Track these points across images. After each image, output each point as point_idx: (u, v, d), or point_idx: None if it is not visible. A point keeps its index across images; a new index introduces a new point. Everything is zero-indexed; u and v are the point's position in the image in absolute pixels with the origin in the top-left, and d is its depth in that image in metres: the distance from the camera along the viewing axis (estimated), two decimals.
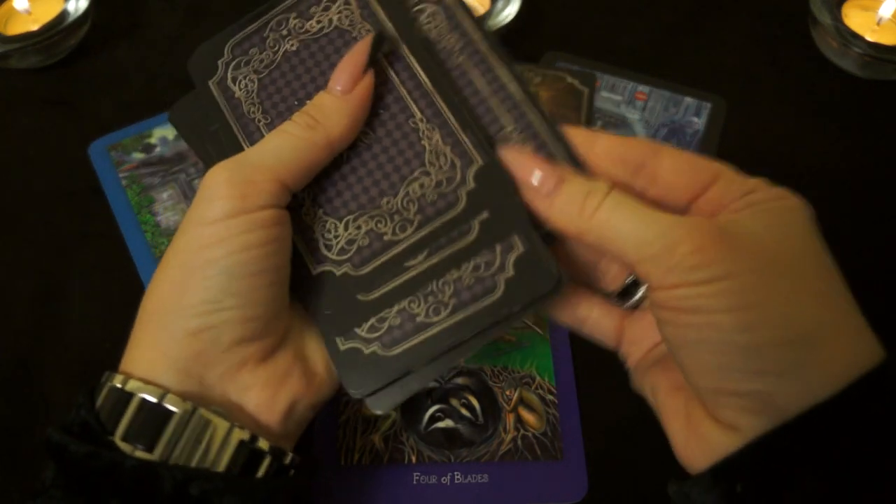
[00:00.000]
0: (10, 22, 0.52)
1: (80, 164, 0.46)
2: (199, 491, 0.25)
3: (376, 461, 0.35)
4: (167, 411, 0.26)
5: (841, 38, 0.48)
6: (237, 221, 0.26)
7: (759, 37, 0.53)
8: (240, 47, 0.31)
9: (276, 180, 0.27)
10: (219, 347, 0.27)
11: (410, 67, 0.29)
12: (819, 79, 0.50)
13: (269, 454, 0.27)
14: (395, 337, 0.27)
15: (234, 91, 0.31)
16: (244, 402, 0.28)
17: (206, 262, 0.26)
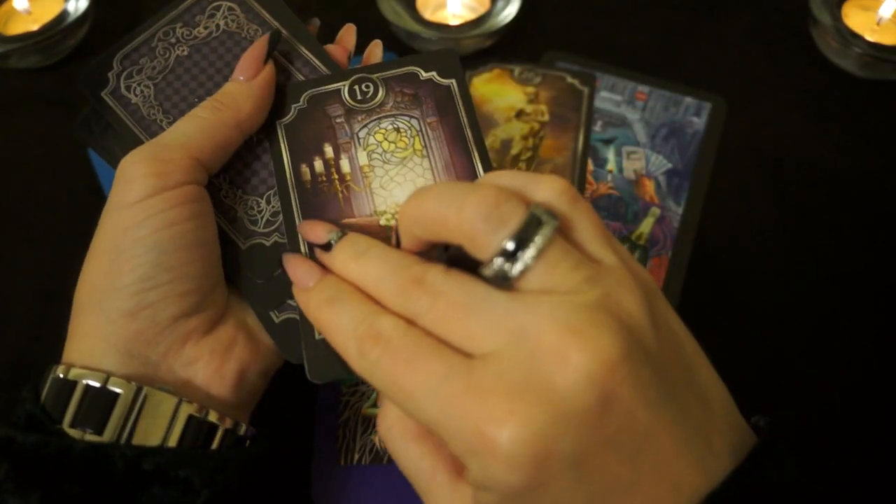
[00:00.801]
0: (10, 22, 0.52)
1: (80, 164, 0.46)
2: (152, 466, 0.25)
3: (376, 461, 0.35)
4: (112, 393, 0.26)
5: (841, 38, 0.48)
6: (158, 199, 0.27)
7: (759, 37, 0.53)
8: (129, 59, 0.33)
9: (190, 157, 0.28)
10: (159, 324, 0.27)
11: (303, 57, 0.33)
12: (819, 79, 0.50)
13: (221, 426, 0.27)
14: None
15: (130, 98, 0.32)
16: (193, 376, 0.28)
17: (134, 241, 0.27)
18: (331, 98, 0.31)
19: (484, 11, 0.51)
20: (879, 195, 0.45)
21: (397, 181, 0.30)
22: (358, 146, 0.30)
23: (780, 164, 0.46)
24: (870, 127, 0.48)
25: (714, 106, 0.48)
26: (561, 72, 0.50)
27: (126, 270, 0.27)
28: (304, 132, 0.31)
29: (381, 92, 0.31)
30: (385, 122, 0.31)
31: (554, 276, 0.21)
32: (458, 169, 0.30)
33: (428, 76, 0.32)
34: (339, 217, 0.29)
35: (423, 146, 0.30)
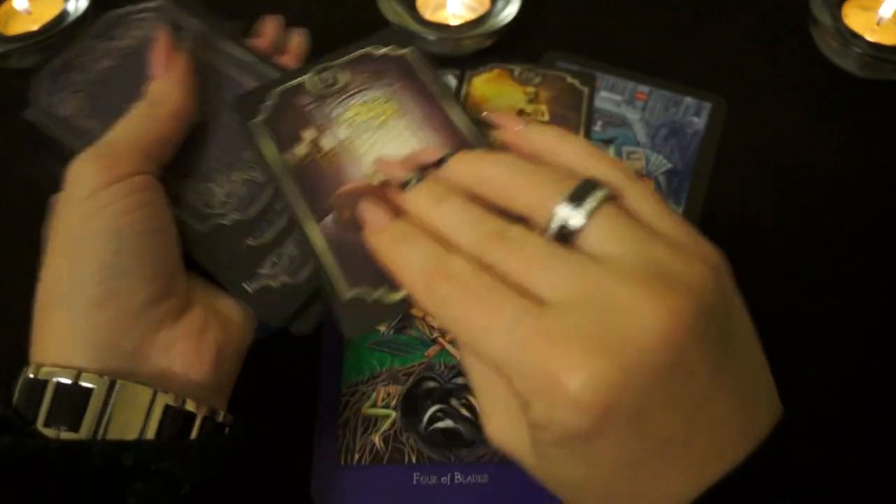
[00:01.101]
0: (10, 22, 0.52)
1: None
2: (131, 460, 0.25)
3: (376, 461, 0.35)
4: (85, 389, 0.26)
5: (841, 38, 0.48)
6: (110, 191, 0.27)
7: (759, 37, 0.53)
8: (54, 77, 0.35)
9: (136, 149, 0.29)
10: (130, 311, 0.27)
11: (225, 51, 0.35)
12: (819, 79, 0.50)
13: (199, 414, 0.27)
14: (297, 263, 0.30)
15: (62, 111, 0.34)
16: (171, 360, 0.28)
17: (92, 233, 0.27)
18: (298, 91, 0.33)
19: (484, 11, 0.51)
20: (879, 195, 0.45)
21: (382, 142, 0.32)
22: (335, 125, 0.33)
23: (780, 164, 0.46)
24: (870, 127, 0.48)
25: (714, 106, 0.48)
26: (561, 72, 0.50)
27: (88, 260, 0.27)
28: (282, 124, 0.32)
29: (343, 76, 0.34)
30: (355, 98, 0.33)
31: (614, 237, 0.22)
32: (437, 122, 0.32)
33: (383, 52, 0.35)
34: (336, 187, 0.31)
35: (398, 108, 0.33)
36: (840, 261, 0.42)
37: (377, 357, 0.38)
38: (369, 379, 0.37)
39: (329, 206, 0.30)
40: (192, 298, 0.30)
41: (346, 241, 0.29)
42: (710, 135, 0.47)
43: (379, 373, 0.37)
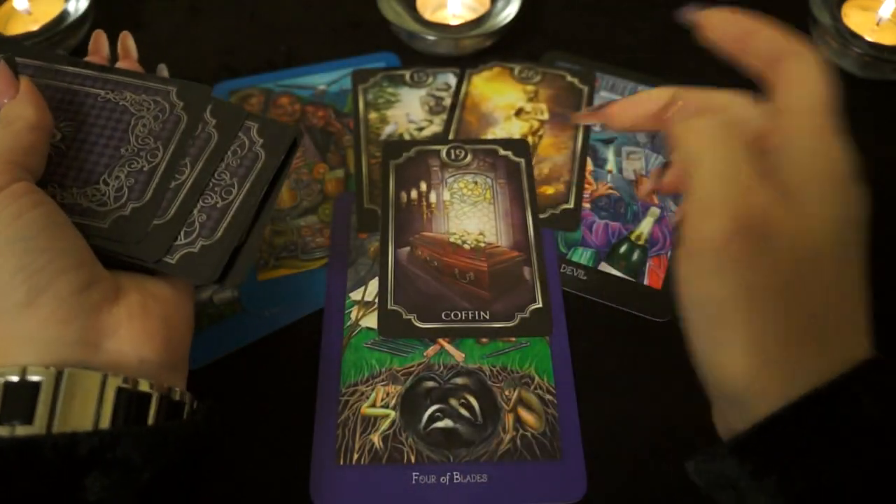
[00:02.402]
0: (10, 22, 0.52)
1: None
2: (86, 450, 0.24)
3: (375, 461, 0.34)
4: (33, 383, 0.25)
5: (841, 38, 0.48)
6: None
7: None
8: None
9: (5, 161, 0.29)
10: (60, 304, 0.27)
11: (64, 71, 0.36)
12: None
13: (155, 393, 0.27)
14: (210, 227, 0.32)
15: None
16: (120, 343, 0.28)
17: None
18: (433, 154, 0.45)
19: (484, 11, 0.51)
20: (879, 195, 0.45)
21: (468, 215, 0.42)
22: (445, 188, 0.44)
23: None
24: (870, 127, 0.48)
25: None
26: (561, 70, 0.50)
27: (1, 268, 0.27)
28: (408, 171, 0.44)
29: (469, 157, 0.45)
30: (468, 176, 0.44)
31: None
32: (514, 218, 0.42)
33: (504, 154, 0.45)
34: (420, 230, 0.42)
35: (492, 197, 0.43)
36: None
37: (376, 357, 0.38)
38: (368, 379, 0.37)
39: (409, 241, 0.41)
40: (123, 284, 0.30)
41: (407, 270, 0.40)
42: None
43: (378, 373, 0.37)
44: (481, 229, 0.42)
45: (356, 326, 0.39)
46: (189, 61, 0.52)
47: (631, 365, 0.37)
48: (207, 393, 0.34)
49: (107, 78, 0.36)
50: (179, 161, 0.34)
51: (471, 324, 0.38)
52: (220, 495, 0.34)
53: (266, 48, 0.53)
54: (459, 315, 0.39)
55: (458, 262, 0.41)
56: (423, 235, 0.42)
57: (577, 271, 0.41)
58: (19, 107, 0.32)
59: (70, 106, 0.35)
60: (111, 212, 0.32)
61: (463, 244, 0.41)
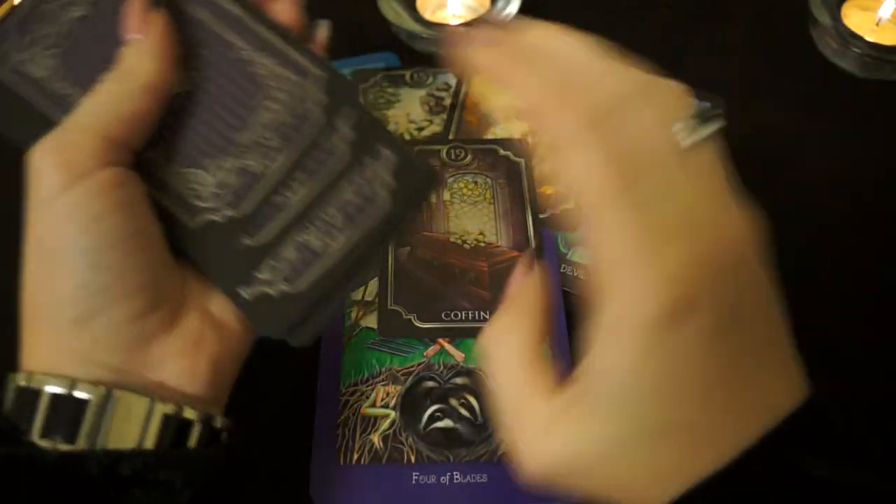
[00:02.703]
0: None
1: None
2: (129, 470, 0.24)
3: (375, 461, 0.34)
4: (81, 400, 0.24)
5: (841, 38, 0.48)
6: (75, 193, 0.24)
7: (758, 37, 0.53)
8: (22, 28, 0.29)
9: (100, 137, 0.25)
10: (113, 330, 0.25)
11: (213, 3, 0.28)
12: (819, 79, 0.50)
13: (197, 423, 0.26)
14: (297, 270, 0.27)
15: (34, 72, 0.29)
16: (163, 377, 0.26)
17: (63, 244, 0.25)
18: (433, 154, 0.44)
19: (484, 11, 0.51)
20: (879, 195, 0.45)
21: (468, 215, 0.42)
22: (445, 188, 0.43)
23: (780, 164, 0.46)
24: (870, 127, 0.48)
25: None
26: None
27: (62, 278, 0.25)
28: None
29: (469, 157, 0.44)
30: (468, 176, 0.44)
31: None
32: (513, 217, 0.42)
33: (504, 154, 0.44)
34: (420, 229, 0.41)
35: (492, 197, 0.42)
36: (840, 261, 0.42)
37: (376, 357, 0.38)
38: (368, 379, 0.37)
39: (409, 241, 0.41)
40: (187, 301, 0.28)
41: (407, 270, 0.40)
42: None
43: (378, 372, 0.37)
44: (481, 229, 0.42)
45: (356, 326, 0.39)
46: None
47: None
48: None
49: (251, 28, 0.28)
50: (294, 173, 0.28)
51: (471, 324, 0.38)
52: None
53: None
54: (460, 315, 0.39)
55: (459, 262, 0.41)
56: (423, 235, 0.42)
57: (577, 271, 0.41)
58: (140, 57, 0.27)
59: (198, 51, 0.28)
60: (204, 211, 0.27)
61: (463, 244, 0.41)
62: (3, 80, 0.28)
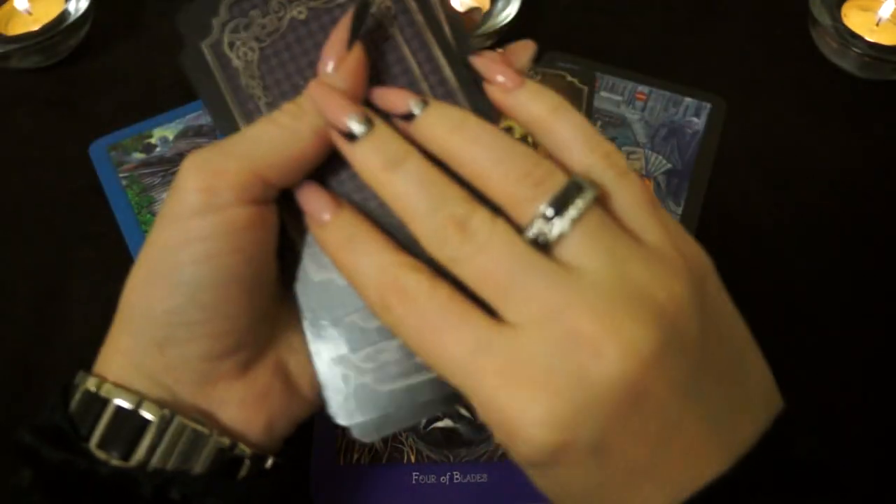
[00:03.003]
0: (10, 22, 0.52)
1: (80, 164, 0.46)
2: (179, 495, 0.24)
3: (375, 461, 0.35)
4: (144, 420, 0.24)
5: (840, 38, 0.48)
6: (201, 222, 0.23)
7: (759, 37, 0.53)
8: (238, 6, 0.26)
9: (250, 172, 0.23)
10: (187, 364, 0.25)
11: (421, 36, 0.25)
12: (819, 79, 0.50)
13: (248, 458, 0.26)
14: (390, 373, 0.25)
15: (232, 59, 0.26)
16: (220, 416, 0.26)
17: (172, 266, 0.24)
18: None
19: (484, 11, 0.51)
20: (879, 195, 0.45)
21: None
22: None
23: (780, 164, 0.46)
24: (870, 127, 0.48)
25: (714, 106, 0.48)
26: (560, 70, 0.50)
27: (159, 298, 0.24)
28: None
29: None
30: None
31: (594, 249, 0.20)
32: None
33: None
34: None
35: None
36: (840, 260, 0.42)
37: None
38: None
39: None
40: (266, 351, 0.26)
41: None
42: (710, 135, 0.47)
43: None
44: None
45: None
46: None
47: None
48: None
49: (443, 72, 0.26)
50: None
51: None
52: None
53: None
54: None
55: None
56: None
57: None
58: (324, 98, 0.24)
59: (384, 78, 0.25)
60: (329, 267, 0.25)
61: None
62: (202, 55, 0.26)
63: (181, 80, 0.53)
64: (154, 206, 0.44)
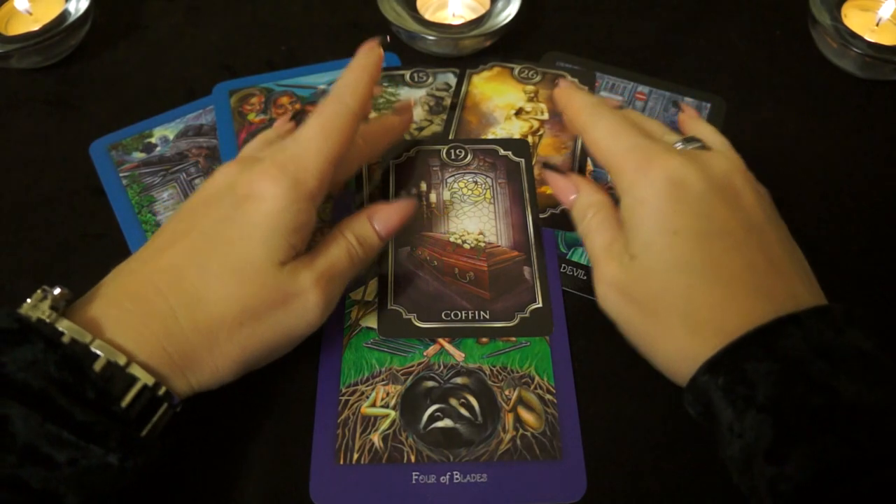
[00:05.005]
0: (10, 22, 0.52)
1: (80, 164, 0.46)
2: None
3: (375, 460, 0.35)
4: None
5: (840, 38, 0.48)
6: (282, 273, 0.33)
7: (759, 37, 0.53)
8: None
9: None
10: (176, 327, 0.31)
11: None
12: (819, 79, 0.50)
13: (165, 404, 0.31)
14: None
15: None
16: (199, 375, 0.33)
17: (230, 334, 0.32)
18: (433, 154, 0.45)
19: (484, 11, 0.51)
20: (879, 195, 0.45)
21: (468, 215, 0.43)
22: (445, 188, 0.44)
23: (780, 164, 0.46)
24: (870, 127, 0.48)
25: (714, 106, 0.48)
26: (561, 70, 0.50)
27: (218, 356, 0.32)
28: (408, 171, 0.44)
29: (469, 157, 0.45)
30: (468, 176, 0.44)
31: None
32: (514, 218, 0.43)
33: (504, 154, 0.45)
34: (420, 229, 0.42)
35: (492, 197, 0.43)
36: (840, 260, 0.42)
37: (376, 357, 0.38)
38: (368, 379, 0.37)
39: (410, 241, 0.41)
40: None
41: (407, 270, 0.40)
42: None
43: (378, 372, 0.37)
44: (481, 229, 0.42)
45: (356, 326, 0.39)
46: (189, 61, 0.52)
47: (631, 365, 0.37)
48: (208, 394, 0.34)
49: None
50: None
51: (471, 324, 0.38)
52: (220, 494, 0.34)
53: (266, 48, 0.53)
54: (459, 315, 0.39)
55: (458, 262, 0.41)
56: (423, 235, 0.42)
57: (577, 271, 0.41)
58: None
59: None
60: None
61: (463, 244, 0.41)
62: None
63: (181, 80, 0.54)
64: (154, 206, 0.44)
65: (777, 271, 0.31)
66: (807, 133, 0.48)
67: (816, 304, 0.30)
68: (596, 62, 0.51)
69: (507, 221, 0.42)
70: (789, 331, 0.28)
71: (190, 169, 0.45)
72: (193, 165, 0.45)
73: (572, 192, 0.37)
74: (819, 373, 0.27)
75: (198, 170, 0.45)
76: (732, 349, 0.28)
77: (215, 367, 0.32)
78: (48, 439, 0.26)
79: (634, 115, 0.40)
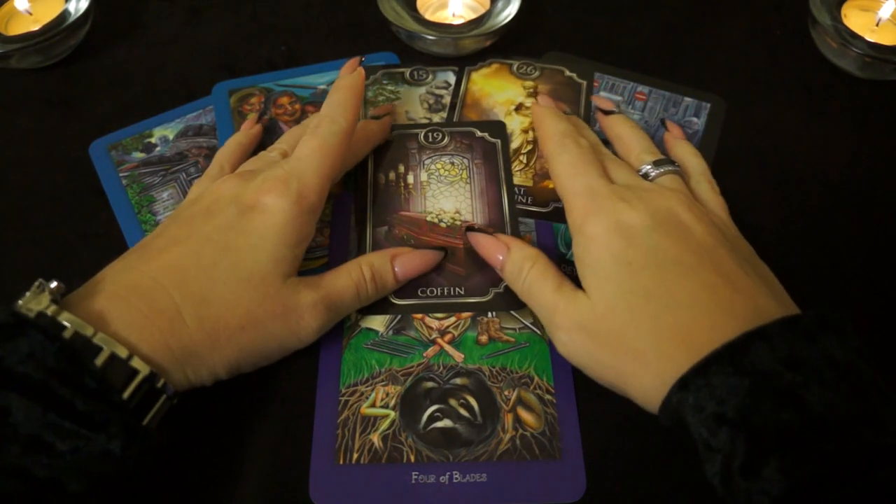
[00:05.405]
0: (10, 22, 0.52)
1: (80, 164, 0.46)
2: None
3: (375, 461, 0.35)
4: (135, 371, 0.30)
5: (840, 38, 0.48)
6: (282, 290, 0.34)
7: (759, 37, 0.53)
8: None
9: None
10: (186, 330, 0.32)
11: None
12: (819, 79, 0.50)
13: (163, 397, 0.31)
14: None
15: None
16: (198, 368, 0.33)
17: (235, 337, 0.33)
18: (411, 137, 0.46)
19: (484, 11, 0.51)
20: (879, 195, 0.45)
21: (445, 195, 0.43)
22: (422, 169, 0.44)
23: (780, 165, 0.46)
24: (870, 127, 0.48)
25: (714, 106, 0.48)
26: (559, 65, 0.50)
27: (221, 350, 0.33)
28: (387, 154, 0.45)
29: (447, 139, 0.46)
30: (445, 157, 0.45)
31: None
32: (489, 196, 0.43)
33: (481, 135, 0.46)
34: (397, 209, 0.43)
35: (468, 177, 0.44)
36: (840, 261, 0.42)
37: (376, 357, 0.38)
38: (368, 379, 0.37)
39: (387, 220, 0.42)
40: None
41: (385, 248, 0.40)
42: (710, 135, 0.47)
43: (378, 373, 0.37)
44: (457, 208, 0.43)
45: (356, 326, 0.39)
46: (189, 61, 0.52)
47: None
48: (206, 392, 0.34)
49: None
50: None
51: (446, 300, 0.39)
52: (220, 494, 0.34)
53: (266, 48, 0.53)
54: (435, 291, 0.39)
55: (435, 240, 0.41)
56: (400, 215, 0.42)
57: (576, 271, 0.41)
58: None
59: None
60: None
61: (439, 223, 0.42)
62: None
63: (181, 80, 0.54)
64: (154, 206, 0.44)
65: (736, 288, 0.31)
66: (807, 133, 0.48)
67: (784, 314, 0.29)
68: (596, 62, 0.51)
69: (483, 200, 0.43)
70: (757, 345, 0.28)
71: (190, 169, 0.45)
72: (193, 165, 0.45)
73: (502, 252, 0.37)
74: (789, 385, 0.27)
75: (198, 170, 0.45)
76: (701, 367, 0.29)
77: (213, 366, 0.32)
78: (50, 429, 0.26)
79: (620, 127, 0.42)
